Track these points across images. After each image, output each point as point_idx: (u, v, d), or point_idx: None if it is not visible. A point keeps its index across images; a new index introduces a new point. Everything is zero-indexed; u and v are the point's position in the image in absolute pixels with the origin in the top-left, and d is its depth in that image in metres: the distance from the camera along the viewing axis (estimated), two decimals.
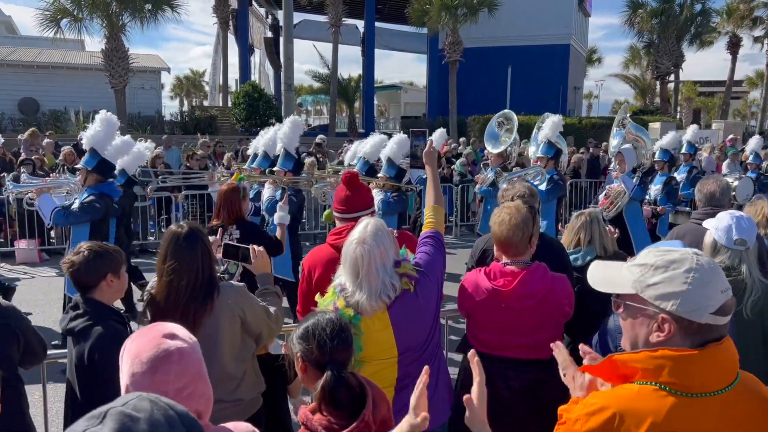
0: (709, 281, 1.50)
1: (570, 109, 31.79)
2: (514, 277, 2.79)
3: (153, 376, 1.41)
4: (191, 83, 57.70)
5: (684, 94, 41.53)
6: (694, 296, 1.50)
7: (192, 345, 1.52)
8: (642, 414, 1.47)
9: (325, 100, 38.25)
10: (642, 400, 1.49)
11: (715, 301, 1.50)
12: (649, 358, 1.51)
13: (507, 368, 2.82)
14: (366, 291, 2.40)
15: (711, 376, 1.48)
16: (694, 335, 1.51)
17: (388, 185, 6.78)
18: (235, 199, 4.39)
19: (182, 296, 2.60)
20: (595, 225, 3.48)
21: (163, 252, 2.66)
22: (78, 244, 2.95)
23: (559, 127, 7.94)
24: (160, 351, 1.44)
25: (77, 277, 2.79)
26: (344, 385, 1.86)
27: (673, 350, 1.50)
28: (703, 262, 1.53)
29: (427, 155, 3.10)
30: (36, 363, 3.11)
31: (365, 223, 2.49)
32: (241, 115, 24.27)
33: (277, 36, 31.21)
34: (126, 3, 19.69)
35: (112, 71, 20.18)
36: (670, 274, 1.53)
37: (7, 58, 24.87)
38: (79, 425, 0.96)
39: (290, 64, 18.46)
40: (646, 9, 30.56)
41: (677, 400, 1.47)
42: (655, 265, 1.56)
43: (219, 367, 2.66)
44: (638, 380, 1.53)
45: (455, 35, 24.84)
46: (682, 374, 1.47)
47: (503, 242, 2.84)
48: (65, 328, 2.76)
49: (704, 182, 3.98)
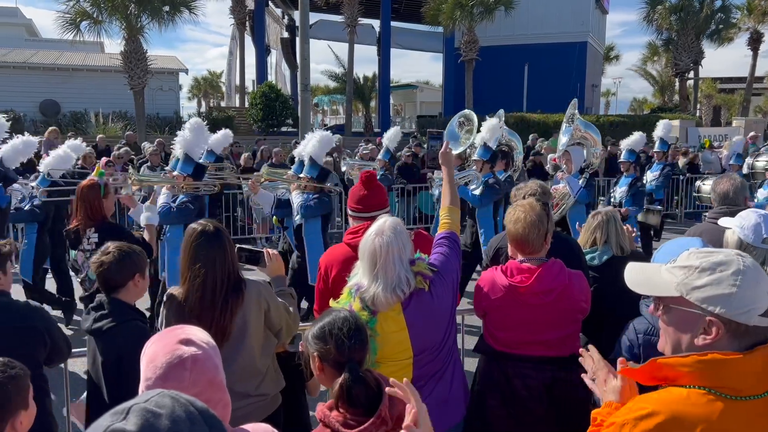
0: (757, 283, 1.49)
1: (587, 107, 31.55)
2: (531, 274, 2.79)
3: (165, 382, 1.41)
4: (209, 84, 58.14)
5: (704, 91, 40.97)
6: (742, 298, 1.48)
7: (207, 351, 1.51)
8: (693, 419, 1.46)
9: (341, 99, 38.36)
10: (692, 404, 1.47)
11: (763, 303, 1.48)
12: (698, 362, 1.49)
13: (525, 367, 2.82)
14: (382, 282, 2.41)
15: (759, 378, 1.47)
16: (742, 338, 1.50)
17: (309, 187, 6.31)
18: (95, 197, 4.03)
19: (219, 293, 2.61)
20: (611, 224, 3.46)
21: (189, 252, 2.64)
22: None
23: (497, 131, 7.52)
24: (174, 357, 1.45)
25: (107, 276, 2.81)
26: (363, 383, 1.88)
27: (722, 354, 1.47)
28: (749, 263, 1.52)
29: (443, 156, 3.11)
30: (61, 361, 3.17)
31: (384, 219, 2.52)
32: (258, 115, 24.43)
33: (294, 36, 31.32)
34: (144, 5, 19.89)
35: (131, 73, 20.39)
36: (717, 276, 1.51)
37: (28, 61, 25.27)
38: (103, 420, 0.98)
39: (306, 64, 18.49)
40: (665, 5, 30.21)
41: (727, 403, 1.46)
42: (701, 267, 1.53)
43: (248, 360, 2.70)
44: (686, 384, 1.51)
45: (471, 34, 24.76)
46: (731, 378, 1.46)
47: (519, 240, 2.84)
48: (89, 329, 2.78)
49: (718, 181, 3.94)
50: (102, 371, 2.74)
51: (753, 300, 1.48)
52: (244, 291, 2.67)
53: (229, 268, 2.66)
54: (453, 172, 3.10)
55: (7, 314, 2.84)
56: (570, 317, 2.85)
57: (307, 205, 6.19)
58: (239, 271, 2.74)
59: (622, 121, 25.28)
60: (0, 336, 2.70)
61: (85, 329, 2.82)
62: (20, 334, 2.79)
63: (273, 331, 2.82)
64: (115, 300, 2.81)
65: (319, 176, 6.34)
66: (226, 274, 2.64)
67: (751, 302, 1.48)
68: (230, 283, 2.64)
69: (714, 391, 1.47)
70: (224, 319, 2.61)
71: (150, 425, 0.95)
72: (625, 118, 27.10)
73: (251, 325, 2.70)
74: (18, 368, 1.99)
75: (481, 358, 3.07)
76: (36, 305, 3.09)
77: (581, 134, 7.45)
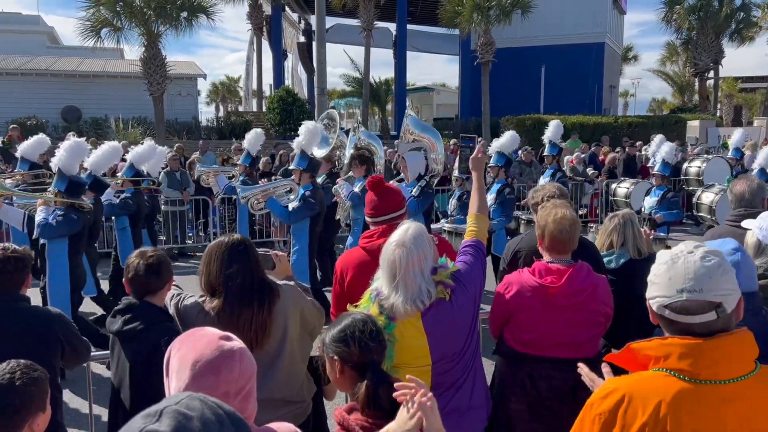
0: (669, 277, 1.59)
1: (605, 108, 31.28)
2: (560, 275, 2.79)
3: (218, 376, 1.45)
4: (226, 89, 58.55)
5: (724, 90, 40.39)
6: (654, 286, 1.63)
7: (246, 346, 1.56)
8: (649, 396, 1.55)
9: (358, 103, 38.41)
10: (650, 383, 1.58)
11: (668, 296, 1.58)
12: (660, 345, 1.60)
13: (550, 368, 2.82)
14: (402, 294, 2.41)
15: (720, 366, 1.53)
16: (662, 323, 1.64)
17: (59, 202, 5.55)
18: None
19: (255, 295, 2.66)
20: (628, 227, 3.45)
21: (220, 262, 2.67)
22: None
23: (316, 137, 6.89)
24: (224, 351, 1.49)
25: (150, 279, 2.84)
26: (386, 384, 1.88)
27: (681, 338, 1.57)
28: (680, 259, 1.60)
29: (474, 161, 3.09)
30: (80, 363, 3.21)
31: (406, 227, 2.49)
32: (276, 119, 24.54)
33: (310, 40, 31.47)
34: (163, 12, 20.11)
35: (150, 79, 20.61)
36: (655, 264, 1.66)
37: (50, 68, 25.66)
38: (136, 422, 1.01)
39: (323, 68, 18.60)
40: (684, 5, 29.87)
41: (684, 385, 1.54)
42: (658, 255, 1.70)
43: (290, 364, 2.74)
44: (652, 367, 1.61)
45: (487, 36, 24.66)
46: (689, 361, 1.54)
47: (562, 239, 2.82)
48: (118, 330, 2.80)
49: (734, 183, 3.89)
50: (130, 373, 2.76)
51: (660, 290, 1.60)
52: (279, 292, 2.72)
53: (260, 275, 2.71)
54: (483, 179, 3.09)
55: (24, 320, 2.88)
56: (594, 319, 2.85)
57: (46, 223, 5.34)
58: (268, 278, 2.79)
59: (641, 122, 25.02)
60: (17, 341, 2.72)
61: (113, 331, 2.84)
62: (36, 339, 2.81)
63: (307, 330, 2.85)
64: (146, 303, 2.85)
65: (68, 189, 5.56)
66: (257, 279, 2.69)
67: (658, 291, 1.61)
68: (264, 286, 2.70)
69: (674, 373, 1.56)
70: (262, 317, 2.65)
71: (182, 427, 0.98)
72: (644, 119, 26.80)
73: (291, 329, 2.73)
74: (39, 371, 2.04)
75: (501, 360, 3.06)
76: (55, 310, 3.12)
77: (417, 136, 6.92)
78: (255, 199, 6.75)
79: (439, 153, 7.16)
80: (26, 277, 3.03)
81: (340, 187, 7.04)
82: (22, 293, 3.05)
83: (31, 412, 1.97)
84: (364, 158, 6.99)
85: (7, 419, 1.87)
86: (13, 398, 1.89)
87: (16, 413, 1.88)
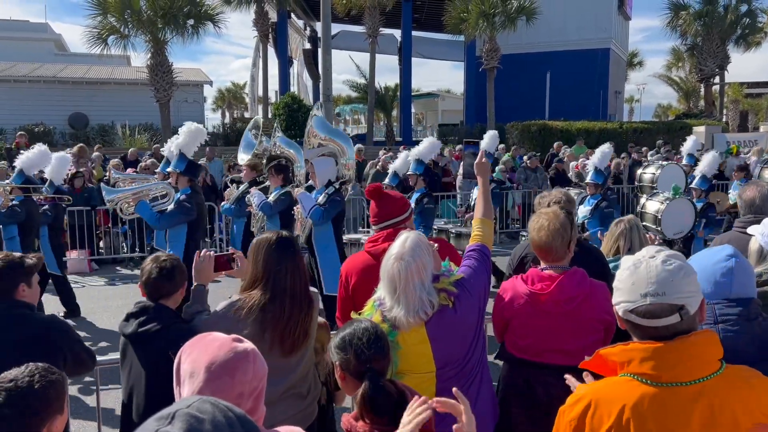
0: (633, 282, 1.61)
1: (611, 113, 31.24)
2: (552, 281, 2.79)
3: (233, 378, 1.47)
4: (232, 95, 58.80)
5: (730, 96, 40.31)
6: (618, 291, 1.66)
7: (256, 347, 1.58)
8: (613, 401, 1.59)
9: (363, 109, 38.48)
10: (615, 388, 1.61)
11: (631, 301, 1.60)
12: (622, 351, 1.63)
13: (547, 375, 2.81)
14: (403, 307, 2.41)
15: (680, 368, 1.55)
16: (628, 328, 1.66)
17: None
18: None
19: (304, 295, 2.70)
20: (635, 232, 3.45)
21: (267, 258, 2.66)
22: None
23: (198, 139, 6.38)
24: (239, 352, 1.51)
25: (162, 283, 2.87)
26: (383, 392, 1.90)
27: (642, 343, 1.60)
28: (642, 263, 1.63)
29: (478, 166, 3.11)
30: (84, 372, 3.17)
31: (404, 238, 2.48)
32: (281, 125, 24.64)
33: (316, 47, 31.57)
34: (170, 19, 20.24)
35: (157, 85, 20.73)
36: (619, 270, 1.68)
37: (58, 75, 25.85)
38: (149, 425, 1.03)
39: (328, 74, 18.67)
40: (689, 11, 29.86)
41: (647, 388, 1.56)
42: (622, 261, 1.73)
43: (309, 361, 2.79)
44: (619, 372, 1.64)
45: (492, 42, 24.70)
46: (651, 364, 1.57)
47: (542, 248, 2.85)
48: (132, 332, 2.80)
49: (744, 188, 3.86)
50: (145, 375, 2.77)
51: (624, 294, 1.63)
52: (312, 296, 2.77)
53: (305, 276, 2.75)
54: (488, 184, 3.11)
55: (26, 327, 2.85)
56: (591, 326, 2.83)
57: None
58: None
59: (646, 127, 24.98)
60: (19, 349, 2.69)
61: (127, 334, 2.84)
62: (38, 347, 2.77)
63: None
64: (160, 305, 2.87)
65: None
66: (305, 281, 2.73)
67: (622, 296, 1.63)
68: (308, 289, 2.74)
69: (638, 378, 1.59)
70: (308, 321, 2.70)
71: (194, 429, 1.00)
72: (649, 125, 26.77)
73: (313, 328, 2.79)
74: (57, 374, 2.05)
75: (504, 365, 3.07)
76: (58, 319, 3.05)
77: (318, 141, 6.45)
78: (125, 202, 6.12)
79: (348, 158, 6.68)
80: (20, 283, 2.94)
81: (252, 196, 6.67)
82: (22, 300, 2.97)
83: (50, 415, 1.98)
84: (281, 167, 6.73)
85: (27, 421, 1.89)
86: (32, 400, 1.91)
87: (35, 415, 1.90)
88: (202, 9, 20.99)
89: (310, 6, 30.80)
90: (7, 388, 1.89)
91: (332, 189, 6.12)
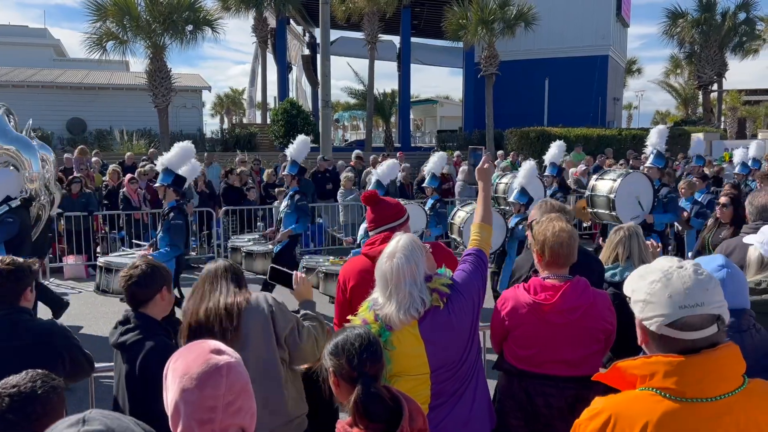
0: (669, 294, 1.54)
1: (609, 120, 31.29)
2: (555, 291, 2.76)
3: (203, 391, 1.46)
4: (231, 101, 58.89)
5: (728, 103, 40.41)
6: (650, 306, 1.57)
7: (238, 360, 1.56)
8: (635, 416, 1.53)
9: (362, 115, 38.55)
10: (637, 403, 1.55)
11: (670, 314, 1.53)
12: (645, 364, 1.58)
13: (547, 385, 2.79)
14: (395, 305, 2.43)
15: (705, 383, 1.51)
16: (660, 344, 1.58)
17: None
18: None
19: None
20: (633, 240, 3.43)
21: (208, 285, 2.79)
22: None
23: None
24: (210, 366, 1.49)
25: (134, 290, 2.88)
26: (376, 398, 1.88)
27: (665, 356, 1.54)
28: (673, 274, 1.56)
29: (480, 171, 3.12)
30: (82, 377, 3.18)
31: (397, 239, 2.52)
32: (280, 131, 24.61)
33: (315, 53, 31.62)
34: (169, 25, 20.26)
35: (156, 91, 20.72)
36: (640, 284, 1.61)
37: (56, 81, 25.85)
38: None
39: (327, 81, 18.68)
40: (687, 19, 29.96)
41: (671, 404, 1.51)
42: (638, 273, 1.67)
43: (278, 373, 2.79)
44: (639, 386, 1.59)
45: (491, 49, 24.76)
46: (674, 379, 1.52)
47: (561, 254, 2.79)
48: (115, 342, 2.84)
49: (755, 195, 3.81)
50: (126, 384, 2.77)
51: (659, 308, 1.55)
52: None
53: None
54: (490, 190, 3.11)
55: (26, 333, 2.86)
56: (593, 336, 2.81)
57: None
58: None
59: (645, 134, 24.92)
60: (18, 354, 2.71)
61: (111, 343, 2.87)
62: (38, 352, 2.79)
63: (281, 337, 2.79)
64: (141, 314, 2.86)
65: None
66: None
67: (656, 310, 1.55)
68: None
69: (661, 392, 1.53)
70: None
71: None
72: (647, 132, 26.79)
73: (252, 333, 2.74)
74: (57, 380, 2.07)
75: (502, 376, 3.04)
76: (54, 323, 3.11)
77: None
78: None
79: (32, 170, 5.52)
80: (25, 288, 2.98)
81: None
82: (23, 305, 3.01)
83: (52, 419, 1.98)
84: None
85: (30, 426, 1.90)
86: (35, 405, 1.92)
87: (38, 420, 1.91)
88: (201, 15, 21.01)
89: (309, 12, 30.90)
90: (10, 393, 1.91)
91: (5, 207, 5.22)
